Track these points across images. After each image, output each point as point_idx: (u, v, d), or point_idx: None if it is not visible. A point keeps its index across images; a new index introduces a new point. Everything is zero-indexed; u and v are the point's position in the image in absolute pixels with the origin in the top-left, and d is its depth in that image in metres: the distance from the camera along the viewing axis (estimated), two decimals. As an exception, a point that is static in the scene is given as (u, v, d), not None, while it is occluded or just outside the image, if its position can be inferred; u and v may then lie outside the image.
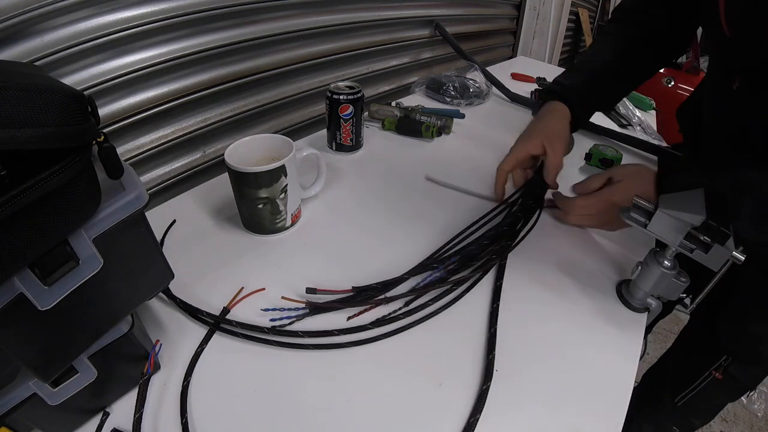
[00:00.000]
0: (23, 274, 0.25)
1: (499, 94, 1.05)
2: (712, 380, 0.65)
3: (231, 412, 0.36)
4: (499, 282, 0.49)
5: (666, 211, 0.40)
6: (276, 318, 0.43)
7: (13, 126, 0.20)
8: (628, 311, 0.48)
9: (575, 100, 0.64)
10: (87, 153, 0.25)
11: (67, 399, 0.32)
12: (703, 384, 0.66)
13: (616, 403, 0.39)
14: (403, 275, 0.48)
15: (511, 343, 0.43)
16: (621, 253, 0.56)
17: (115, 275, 0.30)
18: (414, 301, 0.46)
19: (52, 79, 0.25)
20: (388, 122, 0.82)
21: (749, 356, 0.61)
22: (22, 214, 0.22)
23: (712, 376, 0.65)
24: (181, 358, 0.40)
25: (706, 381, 0.66)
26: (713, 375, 0.64)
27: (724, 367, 0.63)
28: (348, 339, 0.42)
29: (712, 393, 0.67)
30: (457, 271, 0.49)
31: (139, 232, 0.32)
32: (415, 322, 0.44)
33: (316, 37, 0.86)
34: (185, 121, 0.71)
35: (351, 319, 0.44)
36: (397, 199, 0.63)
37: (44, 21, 0.52)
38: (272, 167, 0.49)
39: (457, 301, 0.47)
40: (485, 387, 0.38)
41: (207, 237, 0.55)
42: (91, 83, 0.57)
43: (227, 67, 0.73)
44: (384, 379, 0.39)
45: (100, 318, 0.32)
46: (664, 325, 1.50)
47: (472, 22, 1.32)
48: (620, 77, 0.66)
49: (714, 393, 0.67)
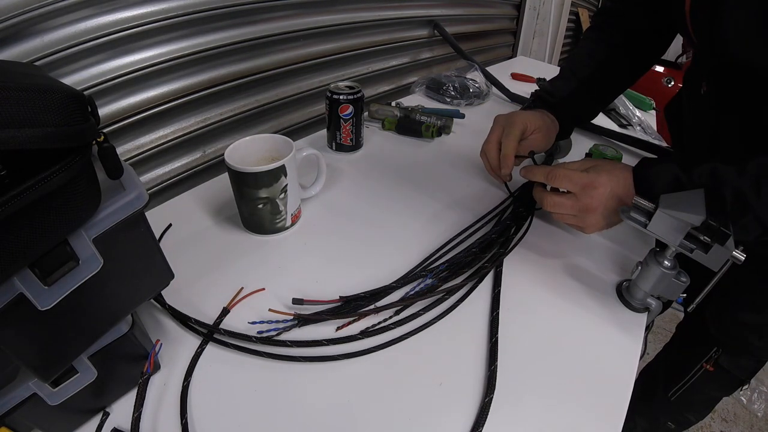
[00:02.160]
0: (23, 274, 0.25)
1: (499, 94, 1.05)
2: (704, 373, 0.65)
3: (231, 412, 0.36)
4: (497, 290, 0.48)
5: (666, 211, 0.40)
6: (263, 330, 0.42)
7: (13, 126, 0.20)
8: (628, 311, 0.48)
9: (563, 111, 0.64)
10: (87, 153, 0.25)
11: (67, 399, 0.32)
12: (695, 377, 0.67)
13: (616, 403, 0.39)
14: (391, 284, 0.48)
15: (510, 345, 0.43)
16: (621, 253, 0.56)
17: (115, 275, 0.30)
18: (404, 310, 0.46)
19: (52, 79, 0.25)
20: (388, 122, 0.82)
21: (738, 346, 0.61)
22: (22, 214, 0.22)
23: (703, 369, 0.65)
24: (182, 358, 0.40)
25: (698, 374, 0.66)
26: (704, 367, 0.64)
27: (715, 359, 0.63)
28: (342, 351, 0.41)
29: (704, 386, 0.67)
30: (448, 280, 0.49)
31: (139, 232, 0.32)
32: (412, 332, 0.43)
33: (316, 37, 0.86)
34: (185, 121, 0.71)
35: (340, 329, 0.44)
36: (397, 199, 0.63)
37: (44, 21, 0.52)
38: (272, 167, 0.49)
39: (453, 310, 0.46)
40: (488, 399, 0.37)
41: (207, 237, 0.55)
42: (91, 83, 0.57)
43: (227, 67, 0.73)
44: (384, 389, 0.39)
45: (100, 318, 0.32)
46: (663, 324, 1.50)
47: (472, 22, 1.32)
48: (600, 92, 0.66)
49: (707, 386, 0.67)
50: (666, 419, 0.77)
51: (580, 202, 0.48)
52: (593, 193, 0.47)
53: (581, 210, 0.48)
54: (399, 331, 0.44)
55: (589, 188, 0.47)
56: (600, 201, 0.47)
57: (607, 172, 0.47)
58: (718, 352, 0.62)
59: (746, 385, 0.65)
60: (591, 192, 0.47)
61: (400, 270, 0.50)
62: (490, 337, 0.43)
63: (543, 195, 0.52)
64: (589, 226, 0.49)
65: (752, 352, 0.61)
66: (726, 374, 0.64)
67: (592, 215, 0.48)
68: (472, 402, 0.38)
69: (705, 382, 0.66)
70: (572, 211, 0.49)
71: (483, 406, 0.37)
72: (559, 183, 0.50)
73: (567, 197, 0.49)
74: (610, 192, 0.46)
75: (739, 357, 0.62)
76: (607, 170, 0.47)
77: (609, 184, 0.46)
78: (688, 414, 0.75)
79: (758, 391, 1.34)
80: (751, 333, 0.59)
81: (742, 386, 0.65)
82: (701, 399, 0.72)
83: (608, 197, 0.46)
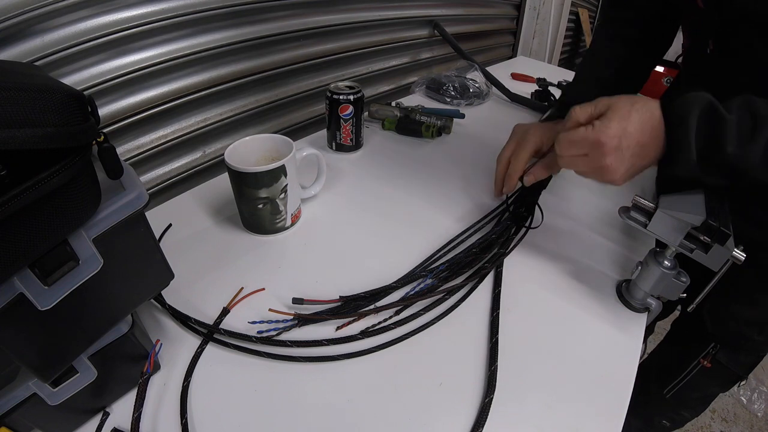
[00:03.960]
0: (23, 274, 0.25)
1: (499, 94, 1.05)
2: (701, 369, 0.65)
3: (231, 412, 0.36)
4: (497, 290, 0.48)
5: (666, 211, 0.40)
6: (263, 330, 0.42)
7: (13, 126, 0.20)
8: (628, 311, 0.48)
9: None
10: (87, 153, 0.25)
11: (67, 399, 0.32)
12: (691, 374, 0.66)
13: (616, 403, 0.39)
14: (392, 284, 0.48)
15: (510, 345, 0.43)
16: (621, 253, 0.56)
17: (115, 275, 0.30)
18: (404, 310, 0.46)
19: (52, 79, 0.25)
20: (388, 122, 0.82)
21: (735, 341, 0.61)
22: (22, 214, 0.22)
23: (700, 365, 0.64)
24: (182, 358, 0.40)
25: (694, 370, 0.66)
26: (701, 364, 0.64)
27: (713, 355, 0.63)
28: (342, 351, 0.41)
29: (701, 382, 0.67)
30: (448, 280, 0.49)
31: (139, 232, 0.32)
32: (413, 332, 0.43)
33: (316, 37, 0.86)
34: (185, 121, 0.71)
35: (340, 329, 0.44)
36: (397, 199, 0.63)
37: (44, 21, 0.52)
38: (272, 167, 0.49)
39: (454, 310, 0.46)
40: (488, 399, 0.37)
41: (207, 237, 0.55)
42: (91, 83, 0.57)
43: (227, 67, 0.73)
44: (384, 389, 0.39)
45: (100, 318, 0.32)
46: (663, 325, 1.50)
47: (472, 22, 1.32)
48: (622, 93, 0.65)
49: (703, 382, 0.67)
50: (660, 417, 0.76)
51: (593, 163, 0.43)
52: (603, 150, 0.41)
53: (596, 170, 0.43)
54: (399, 332, 0.43)
55: (597, 147, 0.41)
56: (615, 157, 0.41)
57: (618, 118, 0.41)
58: (715, 348, 0.62)
59: (743, 380, 0.64)
60: (601, 150, 0.41)
61: (401, 270, 0.50)
62: (490, 337, 0.43)
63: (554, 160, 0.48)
64: (614, 181, 0.44)
65: (751, 347, 0.61)
66: (723, 370, 0.63)
67: (611, 173, 0.42)
68: (472, 402, 0.38)
69: (702, 379, 0.66)
70: (588, 169, 0.44)
71: (483, 406, 0.37)
72: (565, 152, 0.45)
73: (580, 158, 0.44)
74: (628, 142, 0.41)
75: (737, 352, 0.62)
76: (619, 115, 0.41)
77: (622, 133, 0.41)
78: (683, 411, 0.75)
79: (758, 391, 1.34)
80: (750, 328, 0.59)
81: (740, 382, 0.65)
82: (697, 396, 0.71)
83: (625, 149, 0.41)
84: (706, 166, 0.39)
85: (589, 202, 0.65)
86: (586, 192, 0.68)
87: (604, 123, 0.42)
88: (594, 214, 0.62)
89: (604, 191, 0.68)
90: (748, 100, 0.39)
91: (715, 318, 0.61)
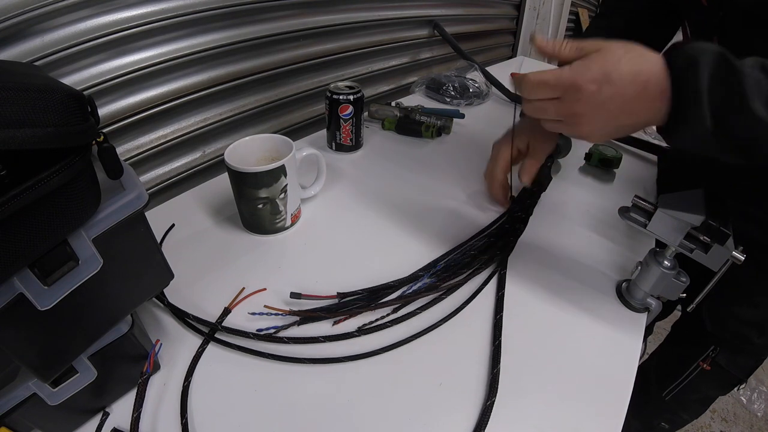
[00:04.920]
0: (23, 274, 0.25)
1: (499, 94, 1.05)
2: (700, 372, 0.65)
3: (231, 412, 0.36)
4: (501, 292, 0.48)
5: (666, 211, 0.40)
6: (263, 327, 0.42)
7: (13, 126, 0.20)
8: (628, 311, 0.48)
9: None
10: (87, 153, 0.25)
11: (67, 399, 0.32)
12: (691, 376, 0.66)
13: (616, 403, 0.39)
14: (390, 283, 0.48)
15: (510, 345, 0.43)
16: (621, 253, 0.56)
17: (114, 275, 0.30)
18: (402, 308, 0.46)
19: (51, 79, 0.25)
20: (388, 122, 0.82)
21: (735, 342, 0.61)
22: (22, 214, 0.22)
23: (700, 368, 0.64)
24: (182, 358, 0.40)
25: (694, 373, 0.65)
26: (701, 366, 0.64)
27: (712, 357, 0.62)
28: (343, 352, 0.41)
29: (700, 385, 0.67)
30: (447, 280, 0.49)
31: (139, 232, 0.32)
32: (416, 335, 0.43)
33: (316, 37, 0.86)
34: (185, 121, 0.71)
35: (337, 324, 0.44)
36: (397, 199, 0.63)
37: (44, 21, 0.52)
38: (272, 167, 0.49)
39: (457, 314, 0.46)
40: (490, 402, 0.37)
41: (207, 237, 0.55)
42: (91, 83, 0.57)
43: (227, 67, 0.73)
44: (385, 390, 0.39)
45: (99, 318, 0.32)
46: (663, 325, 1.50)
47: (472, 22, 1.32)
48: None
49: (703, 385, 0.67)
50: (660, 419, 0.76)
51: (565, 108, 0.37)
52: (578, 96, 0.36)
53: (568, 118, 0.38)
54: (401, 333, 0.43)
55: (572, 90, 0.36)
56: (591, 106, 0.36)
57: (603, 61, 0.35)
58: (715, 351, 0.62)
59: (743, 384, 0.64)
60: (576, 94, 0.36)
61: (400, 270, 0.50)
62: (493, 339, 0.43)
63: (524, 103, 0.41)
64: (588, 135, 0.39)
65: (751, 350, 0.61)
66: (723, 373, 0.63)
67: (585, 123, 0.37)
68: (473, 403, 0.38)
69: (701, 381, 0.66)
70: (558, 117, 0.39)
71: (485, 408, 0.37)
72: (533, 95, 0.39)
73: (551, 102, 0.38)
74: (611, 92, 0.35)
75: (737, 355, 0.62)
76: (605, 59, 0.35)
77: (604, 78, 0.35)
78: (682, 413, 0.74)
79: (758, 391, 1.34)
80: (750, 329, 0.59)
81: (739, 385, 0.65)
82: (697, 398, 0.71)
83: (607, 99, 0.35)
84: (721, 128, 0.33)
85: (589, 202, 0.65)
86: (586, 192, 0.68)
87: (585, 63, 0.35)
88: (594, 214, 0.62)
89: (604, 191, 0.68)
90: (762, 60, 0.33)
91: (715, 318, 0.61)
